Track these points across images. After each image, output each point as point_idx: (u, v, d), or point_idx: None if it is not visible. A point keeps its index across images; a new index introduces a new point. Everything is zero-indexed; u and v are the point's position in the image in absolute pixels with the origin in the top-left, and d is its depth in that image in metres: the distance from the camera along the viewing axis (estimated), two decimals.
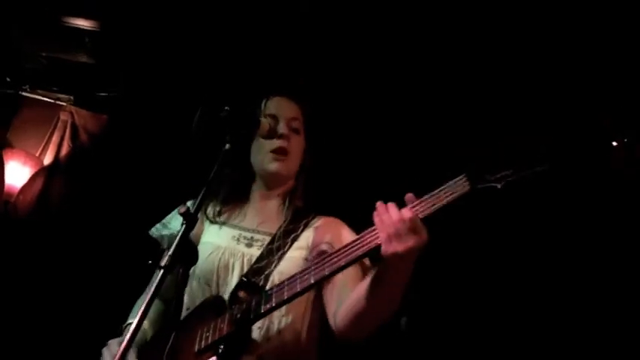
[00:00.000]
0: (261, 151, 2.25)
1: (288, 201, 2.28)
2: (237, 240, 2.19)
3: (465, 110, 3.36)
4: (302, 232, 2.18)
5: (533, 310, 3.15)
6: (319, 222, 2.23)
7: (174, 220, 2.37)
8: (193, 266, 1.77)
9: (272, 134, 2.07)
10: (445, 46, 3.23)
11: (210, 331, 1.94)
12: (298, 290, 1.84)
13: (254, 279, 2.03)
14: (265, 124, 2.02)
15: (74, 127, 4.22)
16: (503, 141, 1.77)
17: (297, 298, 1.94)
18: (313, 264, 1.85)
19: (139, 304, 2.32)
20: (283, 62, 3.58)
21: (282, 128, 2.25)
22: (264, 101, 2.36)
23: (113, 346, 2.09)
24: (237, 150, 2.08)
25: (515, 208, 2.91)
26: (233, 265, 2.12)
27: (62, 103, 4.29)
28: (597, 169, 2.44)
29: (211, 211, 2.30)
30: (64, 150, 4.16)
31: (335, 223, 2.22)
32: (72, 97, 4.28)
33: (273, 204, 2.30)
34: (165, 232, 2.37)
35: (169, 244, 2.30)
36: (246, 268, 2.10)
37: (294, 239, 2.15)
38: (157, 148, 4.08)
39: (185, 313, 2.13)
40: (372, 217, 1.74)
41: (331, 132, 2.52)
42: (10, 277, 3.76)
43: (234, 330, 1.89)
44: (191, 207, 1.70)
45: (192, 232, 1.77)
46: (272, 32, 3.48)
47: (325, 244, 2.09)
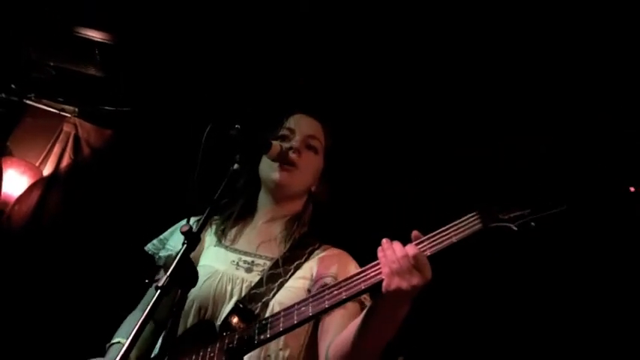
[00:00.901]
0: (269, 163, 2.15)
1: (292, 226, 2.18)
2: (237, 265, 2.08)
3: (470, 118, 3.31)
4: (306, 261, 2.08)
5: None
6: (324, 253, 2.14)
7: (172, 237, 2.28)
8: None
9: (283, 157, 2.01)
10: (446, 47, 3.18)
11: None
12: (295, 322, 1.74)
13: (250, 306, 1.92)
14: (277, 146, 1.95)
15: (77, 140, 4.14)
16: (518, 181, 1.70)
17: (294, 330, 1.83)
18: (311, 296, 1.76)
19: (129, 322, 2.22)
20: (283, 62, 3.53)
21: (296, 141, 2.18)
22: (286, 116, 2.29)
23: None
24: (246, 170, 2.03)
25: (525, 249, 2.82)
26: (231, 292, 2.00)
27: (66, 115, 4.21)
28: (616, 213, 2.37)
29: (214, 231, 2.22)
30: (65, 162, 4.07)
31: (341, 255, 2.13)
32: (77, 109, 4.21)
33: (277, 227, 2.21)
34: (162, 251, 2.27)
35: (166, 263, 2.25)
36: (244, 294, 1.99)
37: (297, 268, 2.05)
38: (161, 166, 3.98)
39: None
40: (376, 250, 1.69)
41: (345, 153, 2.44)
42: None
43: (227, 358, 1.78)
44: (194, 226, 1.62)
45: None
46: (271, 32, 3.43)
47: (330, 277, 2.00)
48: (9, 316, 3.62)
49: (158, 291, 1.49)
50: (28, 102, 4.21)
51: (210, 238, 2.20)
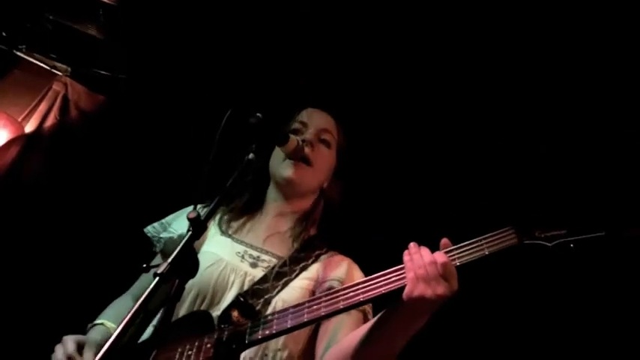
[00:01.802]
0: (280, 159, 2.08)
1: (301, 225, 2.12)
2: (242, 257, 2.01)
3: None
4: (312, 263, 2.02)
5: None
6: (331, 258, 2.08)
7: (176, 222, 2.18)
8: None
9: (298, 153, 1.92)
10: (445, 47, 3.14)
11: (194, 350, 1.73)
12: (305, 320, 1.66)
13: (251, 301, 1.84)
14: (294, 141, 1.87)
15: (65, 101, 3.93)
16: (559, 201, 1.64)
17: (296, 331, 1.77)
18: (324, 295, 1.67)
19: (116, 306, 2.13)
20: (282, 62, 3.46)
21: (309, 134, 2.11)
22: (298, 110, 2.23)
23: (68, 343, 1.85)
24: (261, 161, 1.94)
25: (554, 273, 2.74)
26: (232, 282, 1.92)
27: (58, 73, 3.99)
28: None
29: (219, 221, 2.13)
30: (50, 122, 3.85)
31: (347, 262, 2.07)
32: (69, 69, 4.00)
33: (286, 225, 2.14)
34: (163, 234, 2.18)
35: (165, 248, 2.15)
36: (245, 288, 1.91)
37: (303, 269, 1.99)
38: (153, 141, 3.85)
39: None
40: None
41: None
42: None
43: (223, 353, 1.68)
44: (201, 213, 1.52)
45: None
46: (271, 32, 3.38)
47: (335, 281, 1.93)
48: None
49: (156, 278, 1.39)
50: (18, 53, 3.98)
51: (214, 227, 2.12)
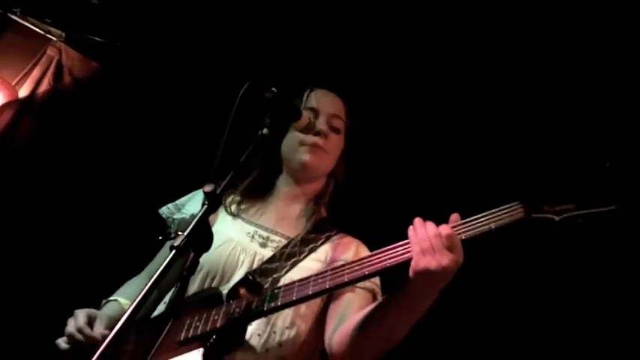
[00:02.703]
0: (296, 142, 2.10)
1: (312, 207, 2.14)
2: (252, 237, 2.03)
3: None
4: (322, 244, 2.04)
5: None
6: (341, 239, 2.10)
7: (189, 204, 2.21)
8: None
9: (309, 129, 1.91)
10: (445, 47, 3.16)
11: (202, 322, 1.76)
12: (310, 293, 1.67)
13: (259, 279, 1.87)
14: (306, 117, 1.87)
15: (59, 66, 3.87)
16: (569, 174, 1.64)
17: (304, 310, 1.85)
18: (330, 269, 1.69)
19: (132, 284, 2.17)
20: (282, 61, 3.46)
21: (321, 124, 2.12)
22: (307, 92, 2.22)
23: (79, 316, 1.89)
24: (274, 137, 1.94)
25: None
26: (242, 262, 1.95)
27: (52, 38, 3.92)
28: None
29: (230, 201, 2.14)
30: (43, 87, 3.80)
31: (356, 244, 2.10)
32: (64, 34, 3.93)
33: (297, 207, 2.16)
34: (177, 215, 2.20)
35: (179, 227, 2.15)
36: (255, 267, 1.94)
37: (312, 250, 2.00)
38: (146, 111, 3.84)
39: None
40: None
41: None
42: None
43: (230, 324, 1.71)
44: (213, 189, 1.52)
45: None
46: (271, 32, 3.38)
47: (344, 261, 1.92)
48: None
49: (172, 251, 1.41)
50: (13, 17, 3.89)
51: (224, 209, 2.14)
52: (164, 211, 2.26)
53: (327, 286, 1.66)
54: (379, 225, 2.32)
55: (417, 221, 1.62)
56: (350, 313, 1.84)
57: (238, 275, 1.92)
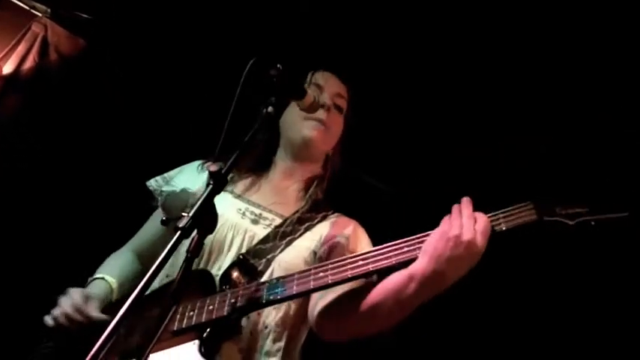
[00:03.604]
0: (298, 117, 2.06)
1: (309, 187, 2.10)
2: (243, 214, 1.97)
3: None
4: (318, 223, 2.00)
5: None
6: (338, 219, 2.07)
7: (179, 177, 2.15)
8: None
9: (313, 108, 1.87)
10: (445, 48, 3.14)
11: (196, 311, 1.70)
12: (311, 287, 1.64)
13: (253, 261, 1.82)
14: (310, 96, 1.82)
15: (45, 43, 3.74)
16: (579, 175, 1.62)
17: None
18: (331, 263, 1.65)
19: (113, 260, 2.13)
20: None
21: (325, 99, 2.08)
22: (311, 73, 2.19)
23: (75, 294, 1.84)
24: (278, 115, 1.89)
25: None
26: (232, 240, 1.89)
27: (37, 13, 3.78)
28: None
29: None
30: (28, 64, 3.67)
31: (354, 224, 2.06)
32: (49, 10, 3.81)
33: (294, 187, 2.12)
34: (165, 187, 2.14)
35: (168, 202, 2.09)
36: (246, 247, 1.88)
37: (308, 228, 1.96)
38: (131, 87, 3.76)
39: (163, 282, 1.89)
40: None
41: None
42: None
43: (229, 315, 1.66)
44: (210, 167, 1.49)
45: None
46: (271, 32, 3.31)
47: (341, 237, 1.92)
48: None
49: (178, 232, 1.36)
50: None
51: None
52: (152, 183, 2.21)
53: (330, 282, 1.62)
54: (379, 225, 2.30)
55: (456, 208, 1.61)
56: (340, 292, 1.78)
57: (228, 255, 1.87)
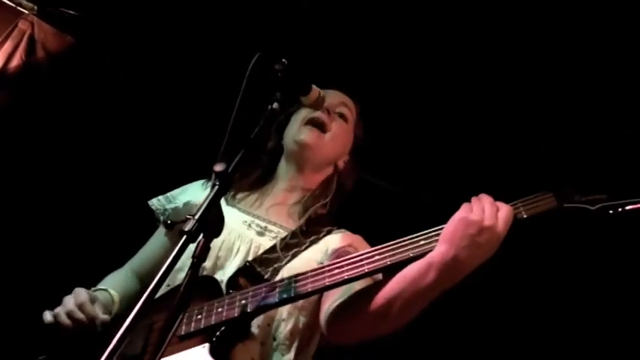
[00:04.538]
0: (296, 125, 2.05)
1: (312, 200, 2.08)
2: (249, 225, 1.96)
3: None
4: (324, 236, 1.98)
5: None
6: (343, 233, 2.04)
7: (181, 196, 2.13)
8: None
9: (319, 104, 1.81)
10: (446, 48, 3.13)
11: (204, 314, 1.65)
12: (326, 284, 1.60)
13: (259, 268, 1.79)
14: (316, 91, 1.78)
15: (32, 41, 3.65)
16: (583, 179, 1.58)
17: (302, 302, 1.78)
18: (345, 260, 1.61)
19: (117, 276, 2.12)
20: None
21: (328, 104, 2.02)
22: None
23: (81, 294, 1.82)
24: (283, 113, 1.84)
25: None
26: (238, 248, 1.87)
27: (24, 11, 3.69)
28: None
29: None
30: (15, 62, 3.59)
31: (359, 238, 2.03)
32: (36, 7, 3.72)
33: (294, 199, 2.10)
34: (169, 205, 2.13)
35: (172, 217, 2.04)
36: (252, 256, 1.85)
37: (314, 242, 1.94)
38: (119, 85, 3.70)
39: (164, 290, 1.81)
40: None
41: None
42: None
43: (240, 316, 1.61)
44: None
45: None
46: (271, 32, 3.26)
47: (349, 247, 1.89)
48: None
49: (184, 236, 1.31)
50: None
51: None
52: (154, 203, 2.18)
53: (346, 277, 1.58)
54: (379, 225, 2.26)
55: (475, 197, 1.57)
56: (352, 292, 1.74)
57: (233, 263, 1.85)
